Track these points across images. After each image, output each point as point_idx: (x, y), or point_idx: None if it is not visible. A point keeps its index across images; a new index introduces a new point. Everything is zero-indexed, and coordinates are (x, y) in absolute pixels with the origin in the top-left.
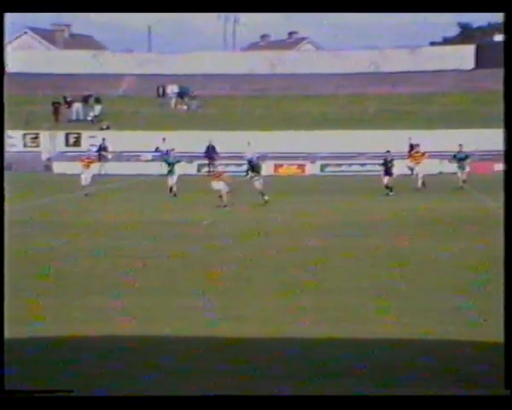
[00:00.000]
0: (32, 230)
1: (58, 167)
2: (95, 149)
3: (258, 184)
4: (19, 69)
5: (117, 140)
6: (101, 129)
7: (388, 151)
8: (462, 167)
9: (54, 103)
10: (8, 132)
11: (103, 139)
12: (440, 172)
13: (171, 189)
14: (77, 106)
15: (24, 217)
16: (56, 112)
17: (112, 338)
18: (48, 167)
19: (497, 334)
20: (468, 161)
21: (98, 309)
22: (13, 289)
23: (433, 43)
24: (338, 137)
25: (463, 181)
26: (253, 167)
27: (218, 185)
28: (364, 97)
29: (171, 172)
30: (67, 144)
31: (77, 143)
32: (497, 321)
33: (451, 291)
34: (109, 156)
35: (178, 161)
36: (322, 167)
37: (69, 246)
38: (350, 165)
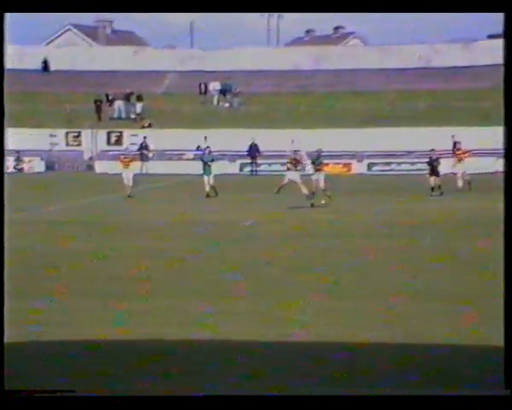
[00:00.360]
0: (75, 230)
1: (100, 167)
2: (135, 147)
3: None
4: (62, 67)
5: (158, 138)
6: (143, 127)
7: (433, 150)
8: None
9: (96, 101)
10: (51, 131)
11: (144, 138)
12: (496, 171)
13: (208, 190)
14: (118, 104)
15: (66, 217)
16: (98, 110)
17: (153, 341)
18: (90, 167)
19: None
20: None
21: (140, 312)
22: (56, 291)
23: (491, 37)
24: (386, 135)
25: None
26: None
27: (292, 176)
28: (414, 93)
29: (206, 171)
30: (109, 143)
31: (118, 141)
32: None
33: None
34: (150, 155)
35: (213, 160)
36: (370, 166)
37: (111, 247)
38: (399, 164)
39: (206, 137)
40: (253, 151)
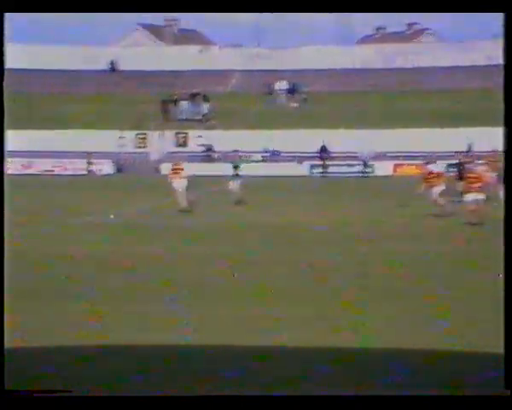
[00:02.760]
0: (145, 234)
1: (166, 169)
2: (202, 149)
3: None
4: (130, 67)
5: (224, 139)
6: (209, 128)
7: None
8: None
9: (163, 102)
10: (119, 133)
11: (210, 139)
12: None
13: (235, 194)
14: (184, 104)
15: (134, 222)
16: (165, 110)
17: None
18: (156, 169)
19: None
20: None
21: (211, 317)
22: (128, 297)
23: None
24: (464, 135)
25: None
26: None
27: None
28: (493, 91)
29: (235, 175)
30: (176, 144)
31: (184, 143)
32: None
33: None
34: (216, 156)
35: (243, 163)
36: (447, 168)
37: (174, 252)
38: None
39: (272, 138)
40: (323, 152)
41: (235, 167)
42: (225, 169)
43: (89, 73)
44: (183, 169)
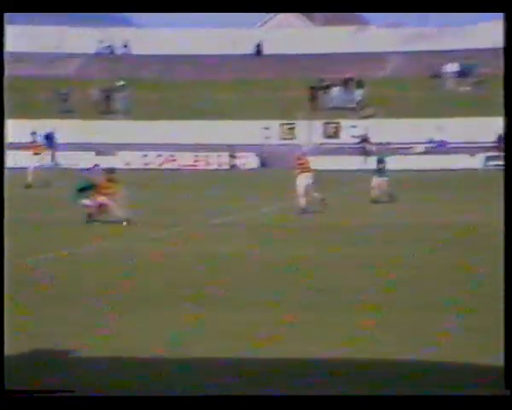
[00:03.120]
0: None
1: (315, 163)
2: (356, 140)
3: None
4: (275, 50)
5: (382, 130)
6: (364, 117)
7: None
8: None
9: (311, 88)
10: (263, 123)
11: (366, 129)
12: None
13: (376, 193)
14: (336, 91)
15: (281, 221)
16: (313, 98)
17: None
18: None
19: None
20: None
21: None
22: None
23: None
24: None
25: None
26: None
27: None
28: None
29: (379, 171)
30: (326, 135)
31: (336, 133)
32: None
33: None
34: (373, 149)
35: (390, 156)
36: None
37: (325, 255)
38: None
39: (439, 128)
40: (500, 142)
41: (380, 161)
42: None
43: (230, 57)
44: (308, 164)
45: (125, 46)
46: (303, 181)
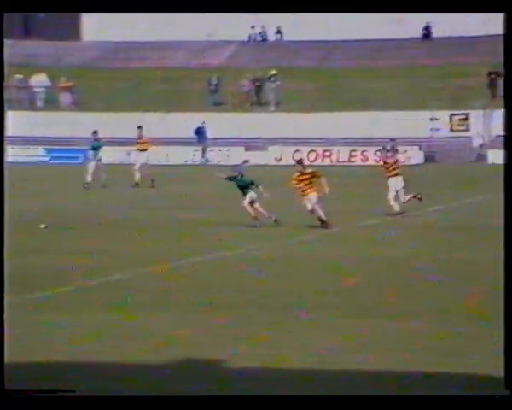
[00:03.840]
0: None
1: (495, 156)
2: None
3: None
4: (444, 33)
5: None
6: None
7: None
8: None
9: (490, 74)
10: (431, 114)
11: None
12: None
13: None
14: None
15: (447, 221)
16: (493, 84)
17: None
18: (481, 157)
19: None
20: None
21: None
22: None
23: None
24: None
25: None
26: None
27: None
28: None
29: None
30: None
31: None
32: None
33: None
34: None
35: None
36: None
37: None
38: None
39: None
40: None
41: None
42: None
43: (393, 42)
44: (398, 164)
45: (278, 32)
46: (394, 184)
